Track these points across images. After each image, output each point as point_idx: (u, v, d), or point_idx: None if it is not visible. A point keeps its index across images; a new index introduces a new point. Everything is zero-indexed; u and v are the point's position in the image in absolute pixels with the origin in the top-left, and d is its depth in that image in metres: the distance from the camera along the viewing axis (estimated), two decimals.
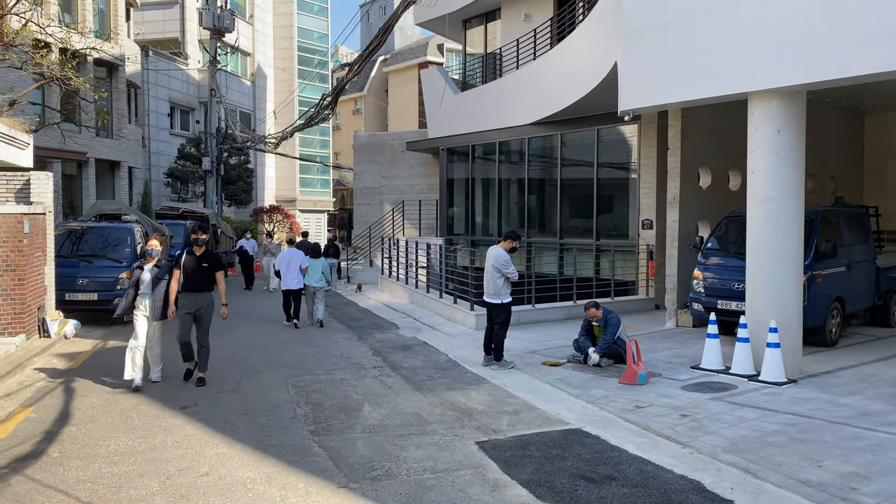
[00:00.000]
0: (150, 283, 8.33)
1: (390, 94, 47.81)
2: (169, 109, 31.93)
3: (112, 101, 22.64)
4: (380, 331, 12.80)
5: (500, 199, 18.65)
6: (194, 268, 8.43)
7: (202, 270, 8.46)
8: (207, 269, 8.49)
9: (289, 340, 11.82)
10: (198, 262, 8.47)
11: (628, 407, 7.26)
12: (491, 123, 18.55)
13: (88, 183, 21.27)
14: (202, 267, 8.46)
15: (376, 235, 22.51)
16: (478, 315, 12.24)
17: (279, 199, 40.44)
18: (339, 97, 21.97)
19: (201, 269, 8.46)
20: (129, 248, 13.67)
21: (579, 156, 16.96)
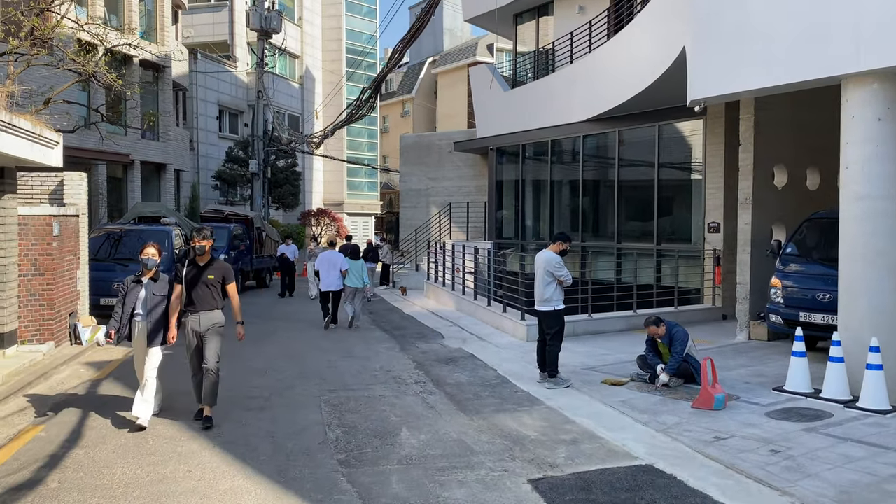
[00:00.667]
0: (145, 301, 6.82)
1: (439, 95, 47.18)
2: (217, 112, 31.88)
3: (158, 103, 22.47)
4: (423, 341, 12.00)
5: (552, 202, 17.68)
6: (198, 281, 6.83)
7: (208, 284, 6.85)
8: (215, 283, 6.89)
9: (327, 350, 11.12)
10: (202, 273, 6.86)
11: (706, 438, 6.26)
12: (543, 121, 17.59)
13: (134, 185, 21.11)
14: (208, 280, 6.85)
15: (422, 239, 21.78)
16: (529, 325, 11.32)
17: (327, 202, 40.17)
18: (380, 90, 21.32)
19: (207, 283, 6.85)
20: (165, 252, 13.18)
21: (638, 154, 15.88)
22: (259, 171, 27.03)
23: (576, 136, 16.94)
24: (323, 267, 13.40)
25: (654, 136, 15.11)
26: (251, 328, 13.30)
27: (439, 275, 18.04)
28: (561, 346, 8.51)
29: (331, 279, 13.28)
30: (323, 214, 36.13)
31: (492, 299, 13.62)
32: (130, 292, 6.86)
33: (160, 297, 6.88)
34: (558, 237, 8.60)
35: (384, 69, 20.66)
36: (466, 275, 15.60)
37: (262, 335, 12.62)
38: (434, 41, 49.87)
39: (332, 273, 13.30)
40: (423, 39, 52.18)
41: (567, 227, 17.67)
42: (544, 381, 8.45)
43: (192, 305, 6.86)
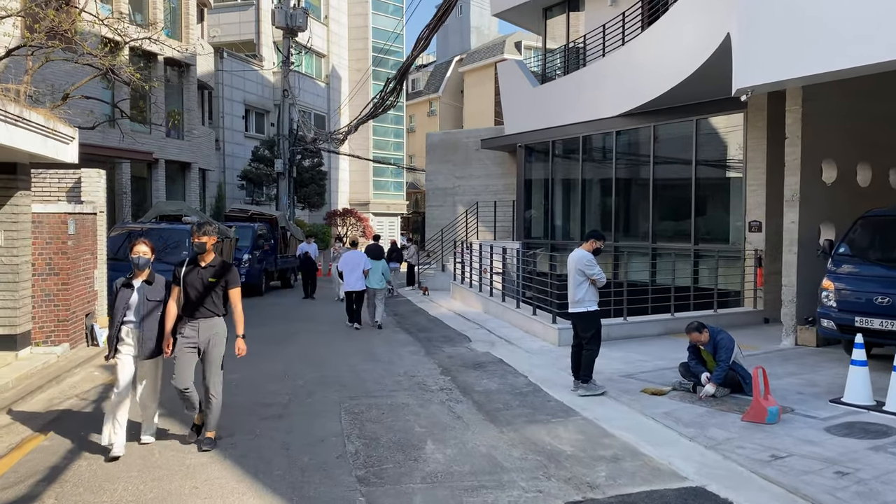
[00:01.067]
0: (138, 307, 5.89)
1: (466, 94, 46.71)
2: (244, 112, 31.75)
3: (183, 101, 22.30)
4: (450, 344, 11.50)
5: (583, 200, 17.07)
6: (199, 284, 5.93)
7: (209, 288, 5.94)
8: (217, 287, 5.98)
9: (350, 353, 10.68)
10: (203, 275, 5.95)
11: (762, 456, 5.67)
12: (573, 116, 17.00)
13: (158, 184, 20.94)
14: (209, 283, 5.94)
15: (448, 239, 21.29)
16: (561, 329, 10.77)
17: (352, 202, 39.90)
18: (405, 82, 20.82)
19: (208, 287, 5.94)
20: (186, 252, 12.88)
21: (674, 150, 15.22)
22: (284, 171, 26.77)
23: (608, 132, 16.32)
24: (346, 267, 13.43)
25: (690, 132, 14.44)
26: (273, 329, 13.06)
27: (466, 275, 17.55)
28: (598, 351, 7.96)
29: (354, 279, 13.28)
30: (349, 214, 35.83)
31: (521, 301, 13.08)
32: (120, 297, 5.89)
33: (155, 303, 5.93)
34: (591, 235, 8.06)
35: (410, 57, 20.17)
36: (494, 276, 15.08)
37: (284, 337, 12.24)
38: (461, 40, 49.44)
39: (354, 273, 13.29)
40: (449, 38, 51.83)
41: (598, 226, 17.04)
42: (578, 388, 7.91)
43: (190, 312, 5.94)
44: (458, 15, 50.42)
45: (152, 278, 6.04)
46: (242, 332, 6.14)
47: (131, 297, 5.91)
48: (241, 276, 18.91)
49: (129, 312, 5.88)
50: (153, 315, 5.92)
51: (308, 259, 18.82)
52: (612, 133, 16.17)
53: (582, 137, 16.98)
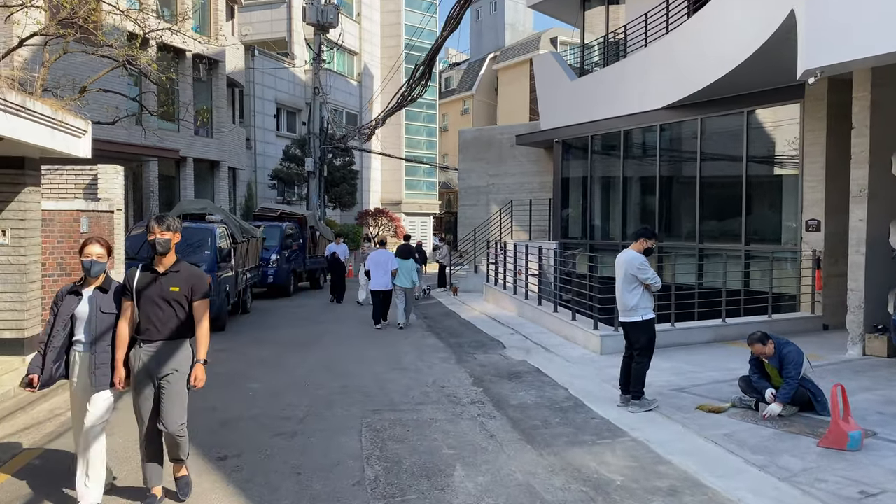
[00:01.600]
0: (89, 322, 4.55)
1: (500, 92, 45.91)
2: (275, 111, 31.43)
3: (212, 99, 21.94)
4: (482, 350, 10.77)
5: (624, 198, 16.17)
6: (158, 297, 4.56)
7: (171, 300, 4.57)
8: (181, 299, 4.61)
9: (375, 359, 10.01)
10: (164, 285, 4.57)
11: (850, 493, 4.83)
12: (614, 110, 16.13)
13: (186, 183, 20.60)
14: (170, 293, 4.56)
15: (482, 239, 20.55)
16: (603, 336, 9.96)
17: (384, 201, 39.40)
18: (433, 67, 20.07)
19: (169, 298, 4.57)
20: (208, 251, 12.39)
21: (723, 144, 14.26)
22: (315, 170, 26.32)
23: (651, 126, 15.41)
24: (373, 267, 13.37)
25: (740, 124, 13.48)
26: (298, 332, 12.49)
27: (500, 277, 16.79)
28: (649, 364, 7.16)
29: (381, 279, 13.20)
30: (380, 214, 35.34)
31: (558, 305, 12.28)
32: (64, 306, 4.58)
33: (112, 317, 4.59)
34: (641, 233, 7.24)
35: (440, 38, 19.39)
36: (530, 277, 14.30)
37: (307, 341, 11.64)
38: (495, 37, 48.67)
39: (382, 273, 13.21)
40: (483, 35, 51.10)
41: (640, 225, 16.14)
42: (627, 405, 7.11)
43: (146, 332, 4.56)
44: (492, 12, 49.69)
45: (108, 285, 4.63)
46: (204, 356, 4.69)
47: (78, 308, 4.55)
48: (269, 277, 18.60)
49: (78, 329, 4.55)
50: (109, 333, 4.58)
51: (336, 260, 17.75)
52: (655, 127, 15.25)
53: (623, 132, 16.09)
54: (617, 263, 7.23)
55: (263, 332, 12.65)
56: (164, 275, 4.60)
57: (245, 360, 9.92)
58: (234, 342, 11.43)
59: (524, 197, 20.44)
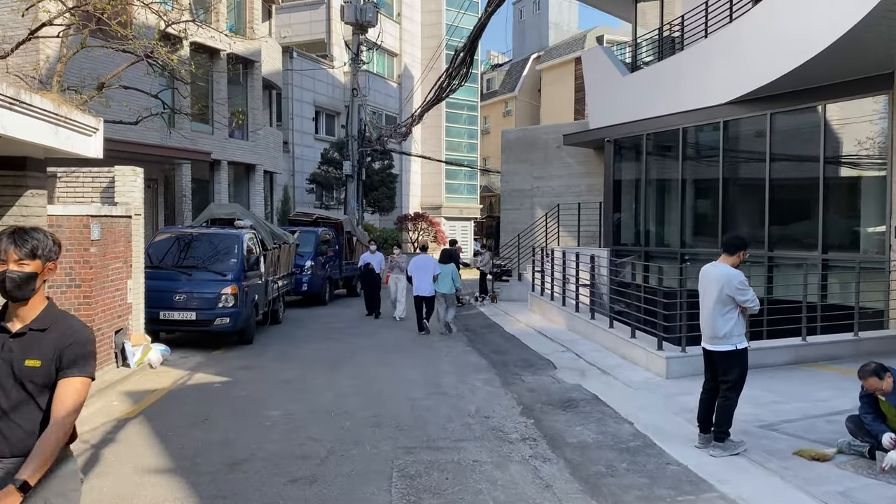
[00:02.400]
0: None
1: (543, 93, 44.70)
2: (313, 114, 30.82)
3: (247, 100, 21.31)
4: (531, 371, 9.67)
5: (682, 201, 14.87)
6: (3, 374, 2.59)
7: (24, 381, 2.58)
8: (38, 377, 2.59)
9: (412, 381, 9.02)
10: (13, 354, 2.60)
11: None
12: (671, 106, 14.87)
13: (220, 187, 19.98)
14: (24, 370, 2.58)
15: (526, 245, 19.44)
16: (669, 357, 8.78)
17: (424, 206, 38.51)
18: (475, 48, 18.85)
19: (23, 378, 2.58)
20: (234, 259, 11.56)
21: (796, 142, 12.93)
22: (353, 173, 25.54)
23: (713, 123, 14.11)
24: (415, 272, 13.16)
25: (816, 120, 12.15)
26: (330, 348, 11.60)
27: (546, 286, 15.66)
28: (738, 400, 6.01)
29: (423, 284, 12.98)
30: (420, 219, 34.48)
31: (614, 320, 11.11)
32: None
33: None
34: (734, 243, 6.10)
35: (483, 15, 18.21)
36: (581, 288, 13.15)
37: (339, 357, 10.71)
38: (539, 37, 47.50)
39: (424, 278, 13.01)
40: (526, 35, 49.95)
41: (701, 232, 14.87)
42: (708, 446, 5.97)
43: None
44: (535, 11, 48.52)
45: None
46: (31, 473, 2.45)
47: None
48: (303, 284, 17.80)
49: None
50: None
51: (370, 272, 15.68)
52: (718, 124, 13.95)
53: (682, 130, 14.81)
54: (705, 279, 6.08)
55: (292, 346, 11.78)
56: (20, 336, 2.63)
57: (268, 380, 9.02)
58: (260, 359, 10.56)
59: (571, 200, 19.26)
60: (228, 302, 11.12)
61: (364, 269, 15.88)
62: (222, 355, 10.85)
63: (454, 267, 13.31)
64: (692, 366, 8.85)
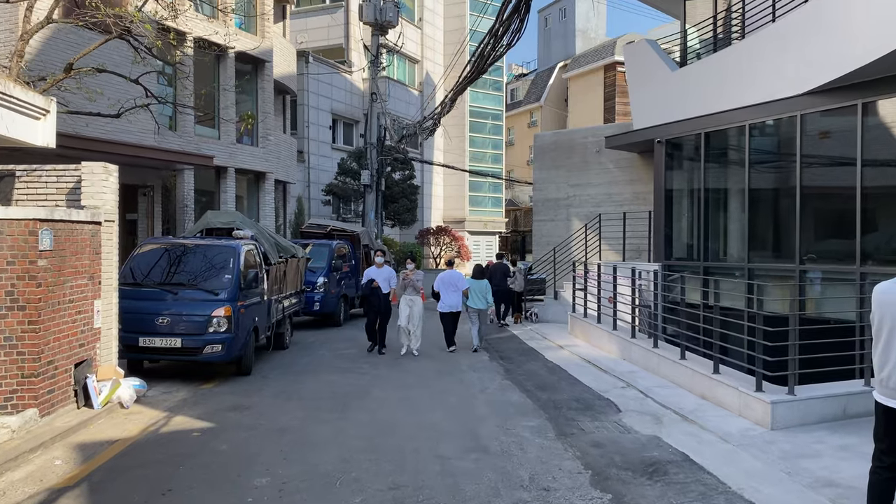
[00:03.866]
0: None
1: (570, 102, 42.86)
2: (331, 122, 29.22)
3: (257, 103, 19.69)
4: (590, 415, 7.73)
5: (750, 209, 12.80)
6: None
7: None
8: None
9: (441, 430, 7.12)
10: None
11: None
12: (734, 100, 12.93)
13: (227, 196, 18.29)
14: None
15: (562, 260, 17.50)
16: (775, 403, 6.80)
17: (447, 219, 36.70)
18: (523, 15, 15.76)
19: None
20: (229, 275, 9.77)
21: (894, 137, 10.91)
22: (372, 183, 23.80)
23: (788, 118, 12.11)
24: (443, 287, 12.64)
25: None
26: (339, 381, 9.56)
27: (590, 306, 13.71)
28: None
29: (452, 300, 12.56)
30: (442, 233, 32.68)
31: (685, 349, 9.12)
32: None
33: None
34: None
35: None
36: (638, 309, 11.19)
37: (350, 394, 8.83)
38: (564, 45, 45.76)
39: (453, 294, 12.59)
40: (552, 43, 48.23)
41: (773, 244, 12.86)
42: None
43: None
44: (561, 19, 46.83)
45: None
46: None
47: None
48: (315, 304, 15.96)
49: None
50: None
51: (376, 291, 12.11)
52: (794, 118, 11.93)
53: (748, 127, 12.81)
54: (886, 303, 4.14)
55: (297, 378, 9.92)
56: None
57: (260, 427, 7.17)
58: (255, 395, 8.72)
59: (612, 210, 17.31)
60: (221, 326, 9.32)
61: (367, 287, 12.29)
62: (211, 390, 9.04)
63: (487, 283, 13.19)
64: (804, 413, 6.89)
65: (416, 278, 12.39)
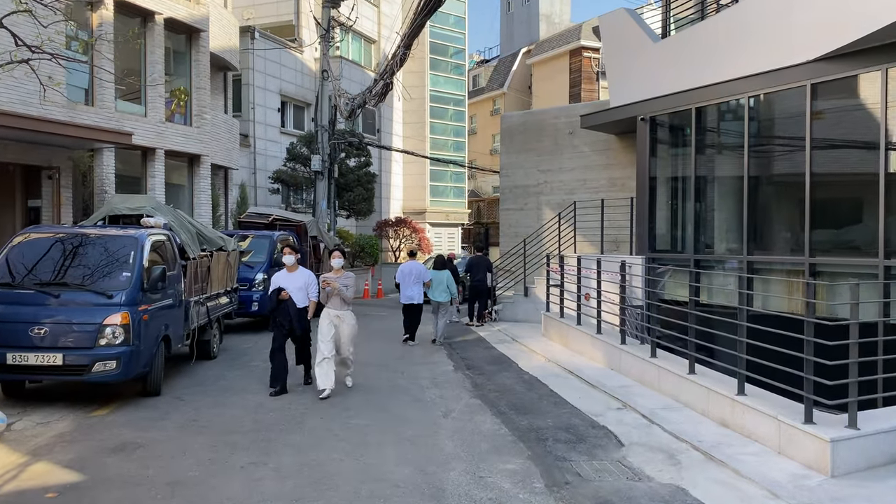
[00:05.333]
0: None
1: (534, 88, 41.33)
2: (280, 104, 27.01)
3: (191, 78, 17.49)
4: (584, 451, 6.01)
5: (749, 194, 11.21)
6: None
7: None
8: None
9: (394, 479, 5.32)
10: None
11: None
12: (730, 71, 11.35)
13: (155, 182, 16.08)
14: None
15: (532, 252, 15.80)
16: (836, 441, 5.15)
17: (407, 210, 34.80)
18: None
19: None
20: (128, 273, 7.78)
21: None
22: (323, 169, 21.77)
23: (796, 88, 10.53)
24: (404, 279, 12.44)
25: None
26: (265, 406, 7.11)
27: (567, 305, 12.06)
28: None
29: (412, 291, 12.34)
30: (402, 225, 30.74)
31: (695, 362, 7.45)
32: None
33: None
34: None
35: None
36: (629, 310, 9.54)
37: (277, 426, 6.91)
38: (528, 30, 44.15)
39: (413, 285, 12.34)
40: (515, 28, 46.54)
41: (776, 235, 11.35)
42: None
43: None
44: (525, 3, 45.20)
45: None
46: None
47: None
48: (253, 304, 13.97)
49: None
50: None
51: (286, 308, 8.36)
52: (804, 88, 10.36)
53: (748, 100, 11.23)
54: None
55: (218, 399, 7.99)
56: None
57: (145, 483, 5.26)
58: (156, 428, 6.77)
59: (587, 197, 15.66)
60: (116, 337, 7.34)
61: (272, 299, 8.46)
62: (103, 419, 7.07)
63: (449, 273, 12.65)
64: (871, 452, 5.27)
65: (344, 283, 8.37)
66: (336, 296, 8.34)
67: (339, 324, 8.34)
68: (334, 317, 8.35)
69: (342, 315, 8.39)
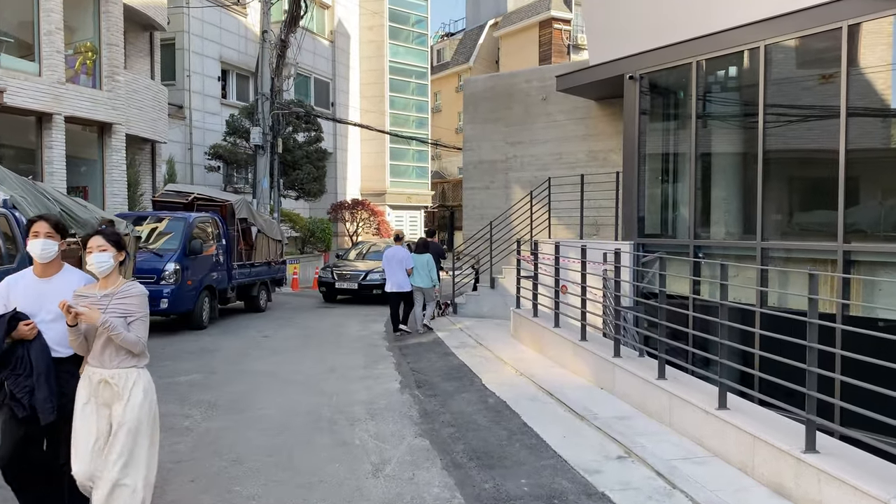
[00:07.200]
0: None
1: (502, 62, 39.11)
2: (220, 72, 24.35)
3: (100, 32, 14.86)
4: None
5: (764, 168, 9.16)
6: None
7: None
8: None
9: None
10: None
11: None
12: (739, 15, 9.26)
13: (53, 154, 13.46)
14: None
15: (501, 238, 13.64)
16: None
17: (365, 191, 32.38)
18: None
19: None
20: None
21: None
22: (264, 144, 19.33)
23: (827, 33, 8.45)
24: (389, 266, 11.72)
25: None
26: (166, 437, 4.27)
27: (542, 301, 9.95)
28: None
29: (398, 279, 11.57)
30: (359, 207, 28.35)
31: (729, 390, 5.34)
32: None
33: None
34: None
35: None
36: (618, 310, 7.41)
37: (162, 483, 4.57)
38: (496, 1, 41.77)
39: (398, 271, 11.56)
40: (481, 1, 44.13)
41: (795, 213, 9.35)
42: None
43: None
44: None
45: None
46: None
47: None
48: (163, 300, 11.53)
49: None
50: None
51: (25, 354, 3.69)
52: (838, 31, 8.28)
53: (763, 49, 9.10)
54: None
55: None
56: None
57: None
58: None
59: (563, 173, 13.52)
60: None
61: None
62: None
63: (430, 258, 11.89)
64: None
65: (119, 308, 3.69)
66: (103, 335, 3.65)
67: (112, 402, 3.72)
68: (100, 385, 3.71)
69: (118, 383, 3.70)
